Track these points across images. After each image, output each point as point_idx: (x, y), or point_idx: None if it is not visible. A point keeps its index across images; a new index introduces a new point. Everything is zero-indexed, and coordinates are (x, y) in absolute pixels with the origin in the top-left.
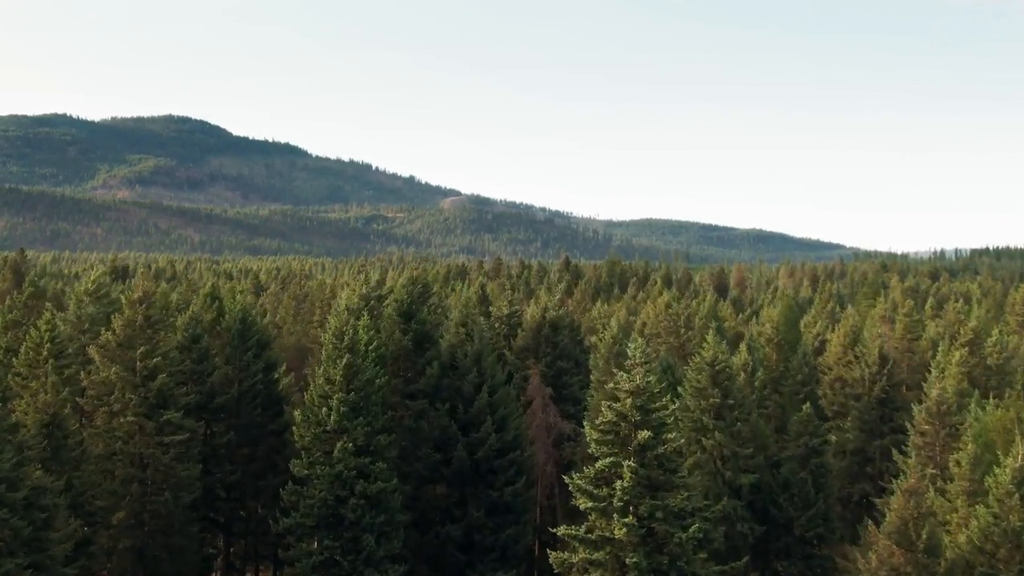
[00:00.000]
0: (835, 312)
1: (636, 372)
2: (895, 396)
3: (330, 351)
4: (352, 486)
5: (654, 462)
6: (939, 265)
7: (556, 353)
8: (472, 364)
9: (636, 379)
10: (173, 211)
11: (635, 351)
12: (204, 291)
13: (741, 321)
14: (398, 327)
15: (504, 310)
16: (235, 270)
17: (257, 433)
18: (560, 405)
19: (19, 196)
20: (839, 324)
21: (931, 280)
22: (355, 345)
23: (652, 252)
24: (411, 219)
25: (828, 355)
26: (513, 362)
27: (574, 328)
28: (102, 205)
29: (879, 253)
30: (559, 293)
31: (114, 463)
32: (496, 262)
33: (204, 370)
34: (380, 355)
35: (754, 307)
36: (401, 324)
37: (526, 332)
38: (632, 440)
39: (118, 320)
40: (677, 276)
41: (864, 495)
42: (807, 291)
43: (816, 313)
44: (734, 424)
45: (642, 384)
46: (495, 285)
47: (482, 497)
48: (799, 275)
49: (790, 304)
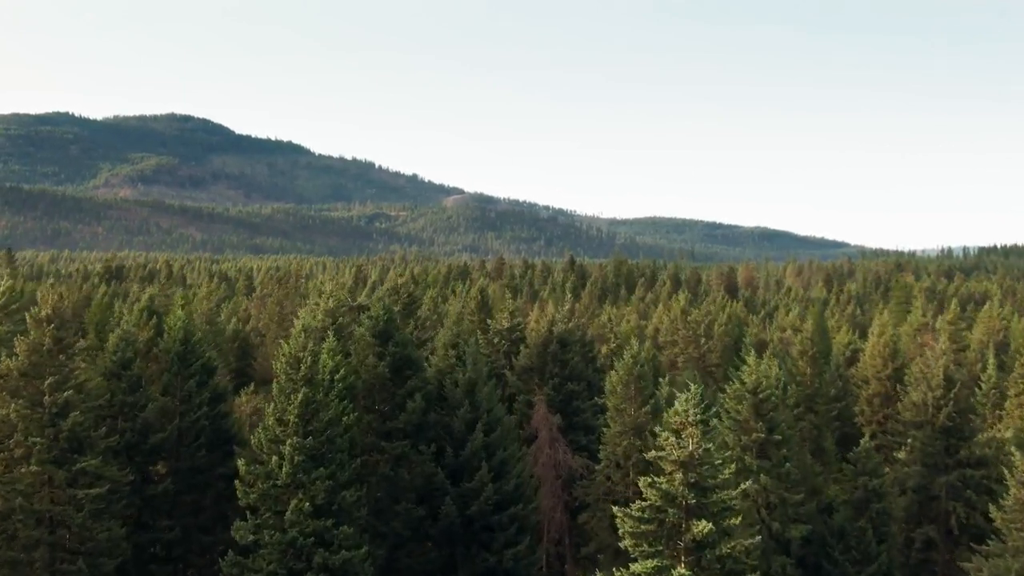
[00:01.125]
0: (855, 315)
1: (689, 435)
2: (962, 425)
3: (283, 384)
4: (309, 556)
5: (716, 566)
6: (950, 264)
7: (565, 374)
8: (464, 395)
9: (689, 444)
10: (175, 210)
11: (687, 405)
12: (140, 305)
13: (757, 324)
14: (373, 350)
15: (504, 323)
16: (232, 270)
17: (203, 478)
18: (570, 435)
19: (20, 195)
20: (870, 332)
21: (946, 279)
22: (315, 376)
23: (656, 250)
24: (414, 217)
25: (863, 367)
26: (515, 384)
27: (585, 343)
28: (103, 204)
29: (887, 252)
30: (567, 301)
31: (14, 523)
32: (498, 262)
33: (137, 402)
34: (349, 387)
35: (767, 308)
36: (377, 347)
37: (530, 349)
38: (684, 534)
39: (22, 343)
40: (685, 276)
41: (928, 541)
42: (820, 291)
43: (838, 318)
44: (781, 464)
45: (698, 452)
46: (497, 286)
47: (476, 562)
48: (807, 274)
49: (820, 310)
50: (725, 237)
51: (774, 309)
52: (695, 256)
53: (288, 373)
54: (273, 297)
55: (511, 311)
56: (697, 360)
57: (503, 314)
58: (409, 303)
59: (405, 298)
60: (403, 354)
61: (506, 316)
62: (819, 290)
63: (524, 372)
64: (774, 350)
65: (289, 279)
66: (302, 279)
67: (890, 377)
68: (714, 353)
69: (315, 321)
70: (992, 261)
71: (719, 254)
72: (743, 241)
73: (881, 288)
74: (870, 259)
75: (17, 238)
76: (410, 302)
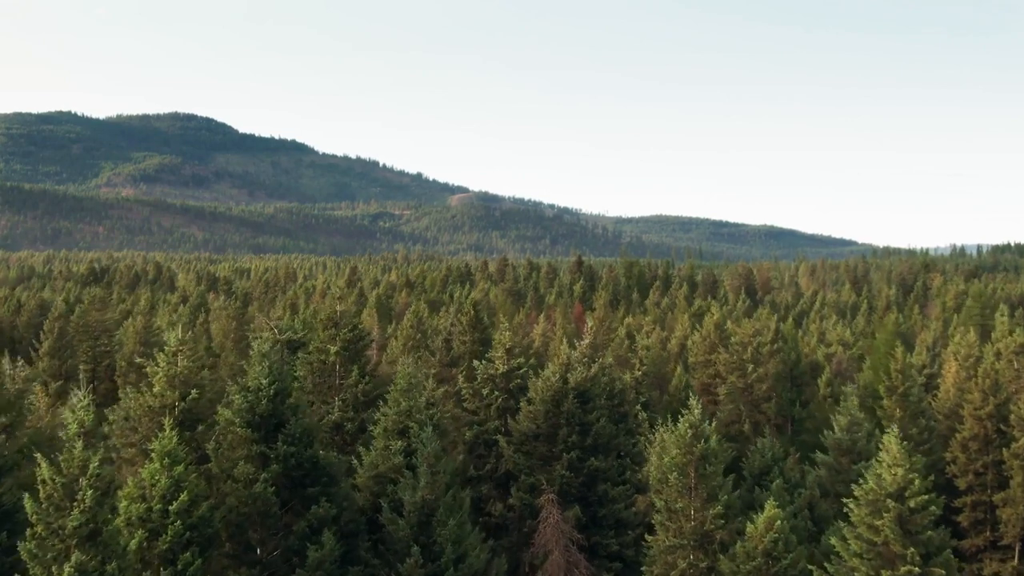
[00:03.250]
0: (898, 324)
1: None
2: None
3: (49, 517)
4: None
5: None
6: (976, 263)
7: (587, 444)
8: (413, 532)
9: None
10: (177, 209)
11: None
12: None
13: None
14: (246, 452)
15: (499, 365)
16: (222, 272)
17: None
18: (595, 533)
19: (20, 194)
20: (949, 353)
21: (974, 280)
22: (104, 528)
23: (663, 249)
24: (418, 216)
25: (944, 398)
26: (512, 459)
27: (614, 394)
28: (104, 203)
29: (899, 250)
30: (587, 332)
31: None
32: (501, 262)
33: None
34: (200, 524)
35: (793, 314)
36: (255, 445)
37: (535, 407)
38: None
39: None
40: (700, 277)
41: None
42: (848, 294)
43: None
44: None
45: None
46: (500, 290)
47: None
48: (820, 273)
49: (893, 332)
50: (731, 235)
51: (800, 315)
52: (702, 254)
53: (56, 503)
54: (228, 312)
55: (508, 347)
56: (742, 391)
57: (498, 351)
58: (354, 340)
59: (347, 334)
60: (303, 458)
61: (501, 355)
62: (847, 293)
63: (526, 441)
64: (832, 383)
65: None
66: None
67: (991, 415)
68: (764, 384)
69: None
70: (1008, 260)
71: (725, 252)
72: (749, 239)
73: (916, 291)
74: (882, 257)
75: (16, 238)
76: (355, 339)
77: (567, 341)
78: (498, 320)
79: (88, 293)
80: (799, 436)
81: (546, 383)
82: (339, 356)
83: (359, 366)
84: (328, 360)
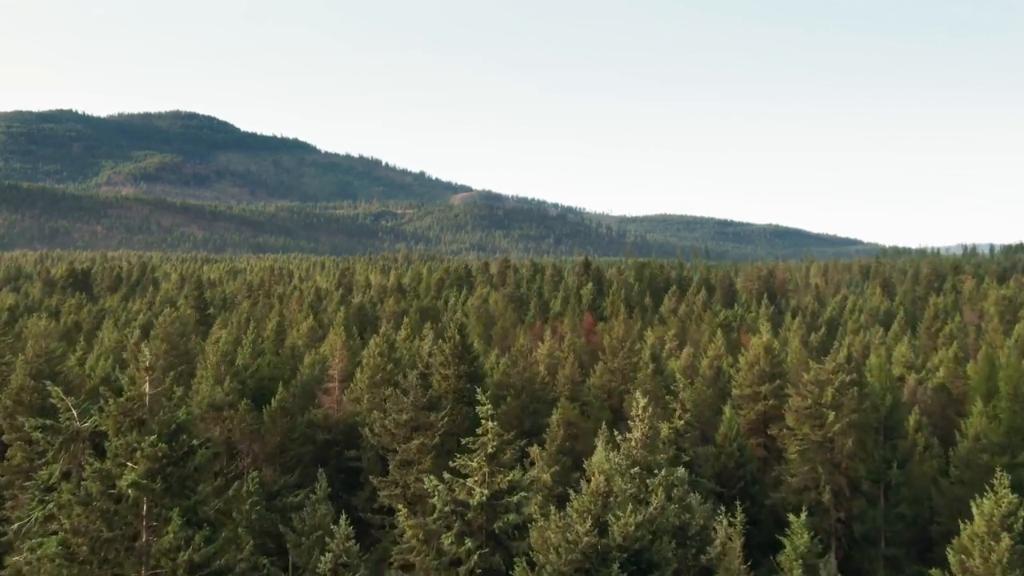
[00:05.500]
0: (955, 335)
1: None
2: None
3: None
4: None
5: None
6: (994, 265)
7: None
8: None
9: None
10: (177, 208)
11: None
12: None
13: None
14: None
15: (477, 488)
16: (213, 273)
17: None
18: None
19: (18, 193)
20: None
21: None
22: None
23: (667, 248)
24: (421, 215)
25: None
26: None
27: (688, 538)
28: (103, 202)
29: (909, 249)
30: (637, 420)
31: None
32: (503, 263)
33: None
34: None
35: (822, 320)
36: None
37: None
38: None
39: None
40: (716, 279)
41: None
42: (880, 299)
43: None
44: None
45: None
46: (500, 296)
47: None
48: (832, 274)
49: (993, 357)
50: (736, 235)
51: (831, 324)
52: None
53: None
54: (158, 333)
55: (495, 446)
56: (818, 446)
57: (475, 477)
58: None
59: (167, 443)
60: None
61: (479, 478)
62: (876, 297)
63: None
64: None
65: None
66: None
67: None
68: (847, 442)
69: None
70: (1021, 259)
71: (730, 252)
72: (754, 239)
73: (945, 294)
74: (892, 257)
75: (13, 237)
76: (184, 454)
77: (584, 374)
78: (496, 336)
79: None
80: (896, 508)
81: (565, 539)
82: (145, 491)
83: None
84: (125, 494)
